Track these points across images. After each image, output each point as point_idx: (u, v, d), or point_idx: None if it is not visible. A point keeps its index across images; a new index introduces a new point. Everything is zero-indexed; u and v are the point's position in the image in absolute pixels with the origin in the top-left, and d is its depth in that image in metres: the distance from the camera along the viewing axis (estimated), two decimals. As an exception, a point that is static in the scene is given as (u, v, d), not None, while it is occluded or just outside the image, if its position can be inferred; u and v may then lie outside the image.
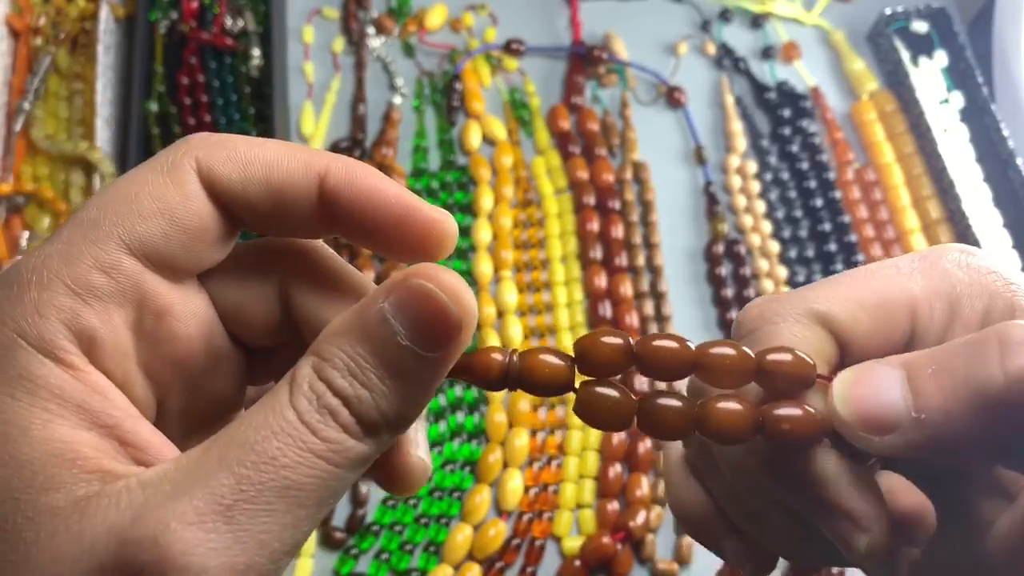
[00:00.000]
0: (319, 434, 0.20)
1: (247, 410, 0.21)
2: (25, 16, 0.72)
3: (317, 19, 0.77)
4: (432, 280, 0.21)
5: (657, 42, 0.80)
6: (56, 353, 0.21)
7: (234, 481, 0.19)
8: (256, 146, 0.23)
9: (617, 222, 0.70)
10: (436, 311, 0.21)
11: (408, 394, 0.21)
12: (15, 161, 0.67)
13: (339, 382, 0.21)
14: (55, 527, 0.19)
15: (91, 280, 0.21)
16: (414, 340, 0.21)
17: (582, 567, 0.59)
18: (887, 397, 0.23)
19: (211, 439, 0.21)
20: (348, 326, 0.21)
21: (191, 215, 0.22)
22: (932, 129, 0.75)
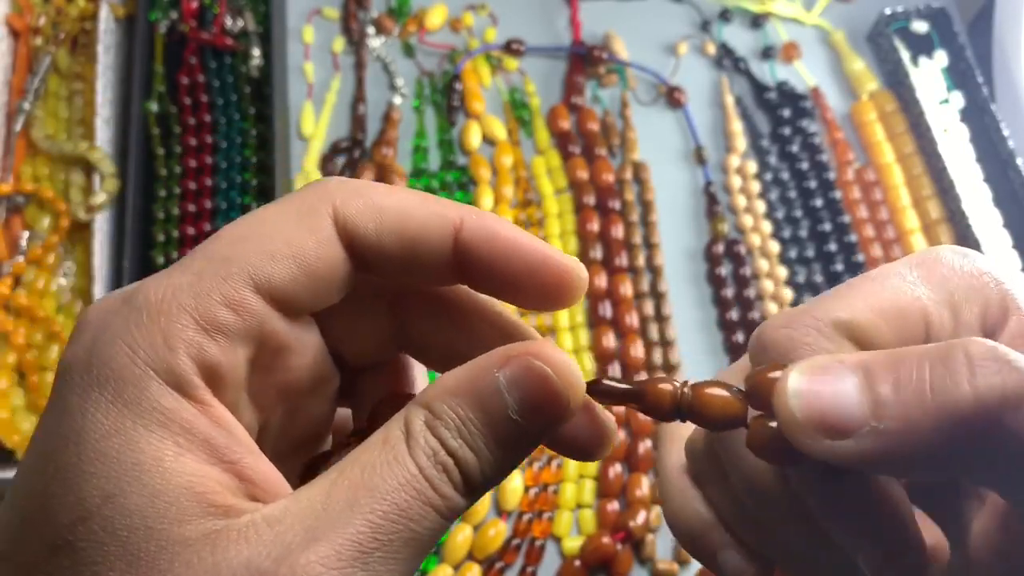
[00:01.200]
0: (438, 490, 0.21)
1: (359, 451, 0.22)
2: (25, 16, 0.72)
3: (317, 19, 0.77)
4: (547, 361, 0.22)
5: (657, 42, 0.80)
6: (184, 387, 0.21)
7: (370, 530, 0.20)
8: (391, 194, 0.24)
9: (617, 222, 0.70)
10: (548, 393, 0.22)
11: (506, 460, 0.22)
12: (15, 161, 0.67)
13: (451, 442, 0.22)
14: (189, 558, 0.20)
15: (219, 316, 0.22)
16: (523, 416, 0.22)
17: (582, 567, 0.59)
18: (845, 400, 0.22)
19: (328, 480, 0.21)
20: (462, 388, 0.22)
21: (322, 262, 0.23)
22: (932, 129, 0.75)
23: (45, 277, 0.64)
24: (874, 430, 0.21)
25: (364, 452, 0.22)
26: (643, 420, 0.63)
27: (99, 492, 0.20)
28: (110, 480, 0.20)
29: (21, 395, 0.62)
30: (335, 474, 0.21)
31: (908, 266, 0.26)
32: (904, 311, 0.25)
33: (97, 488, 0.20)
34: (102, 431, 0.20)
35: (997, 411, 0.20)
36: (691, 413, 0.24)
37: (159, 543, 0.20)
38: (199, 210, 0.69)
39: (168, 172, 0.70)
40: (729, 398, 0.23)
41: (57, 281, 0.65)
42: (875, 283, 0.26)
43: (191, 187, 0.69)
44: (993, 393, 0.20)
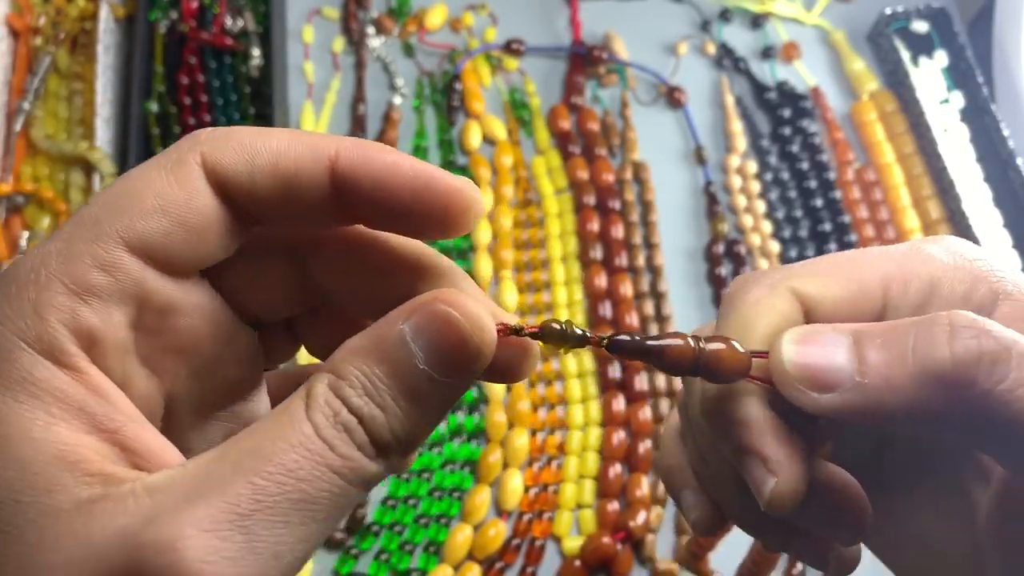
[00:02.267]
0: (336, 450, 0.20)
1: (259, 421, 0.21)
2: (25, 16, 0.72)
3: (317, 19, 0.77)
4: (454, 306, 0.21)
5: (657, 42, 0.80)
6: (57, 355, 0.20)
7: (251, 491, 0.19)
8: (262, 135, 0.23)
9: (617, 222, 0.70)
10: (455, 338, 0.21)
11: (421, 416, 0.22)
12: (15, 161, 0.67)
13: (355, 400, 0.21)
14: (59, 529, 0.19)
15: (90, 279, 0.21)
16: (431, 365, 0.21)
17: (582, 567, 0.59)
18: (833, 357, 0.24)
19: (222, 446, 0.20)
20: (366, 346, 0.21)
21: (194, 212, 0.22)
22: (932, 129, 0.75)
23: (45, 277, 0.64)
24: (858, 385, 0.23)
25: (263, 420, 0.21)
26: (643, 420, 0.63)
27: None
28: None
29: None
30: (230, 441, 0.21)
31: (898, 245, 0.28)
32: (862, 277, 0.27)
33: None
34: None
35: (972, 372, 0.22)
36: (707, 370, 0.25)
37: (27, 516, 0.19)
38: (199, 210, 0.69)
39: (168, 172, 0.70)
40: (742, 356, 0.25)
41: (57, 281, 0.65)
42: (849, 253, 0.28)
43: (191, 187, 0.69)
44: (969, 356, 0.22)
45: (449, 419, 0.62)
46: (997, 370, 0.22)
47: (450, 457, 0.61)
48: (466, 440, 0.62)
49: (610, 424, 0.63)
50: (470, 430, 0.62)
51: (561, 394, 0.64)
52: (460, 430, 0.62)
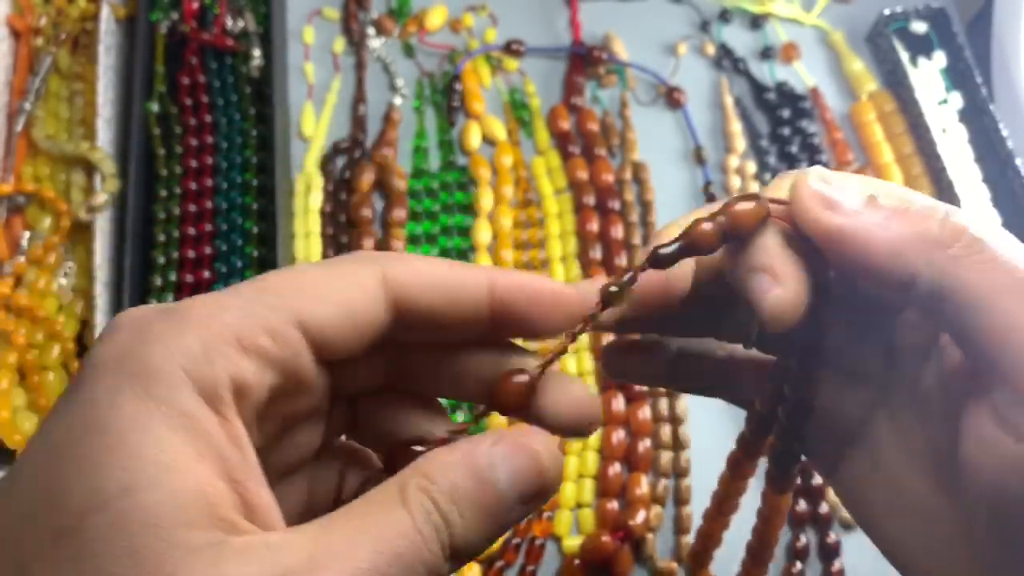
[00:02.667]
0: (429, 546, 0.22)
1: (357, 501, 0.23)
2: (26, 16, 0.72)
3: (317, 20, 0.77)
4: (536, 443, 0.24)
5: (657, 42, 0.80)
6: (213, 399, 0.22)
7: (371, 565, 0.21)
8: (430, 261, 0.27)
9: (617, 222, 0.70)
10: (535, 473, 0.24)
11: (491, 532, 0.24)
12: (16, 161, 0.68)
13: (444, 505, 0.23)
14: (192, 565, 0.20)
15: (259, 340, 0.23)
16: (511, 491, 0.24)
17: (582, 566, 0.59)
18: (846, 193, 0.27)
19: (327, 518, 0.22)
20: (456, 460, 0.24)
21: (365, 314, 0.25)
22: (931, 129, 0.75)
23: (46, 277, 0.65)
24: (858, 214, 0.26)
25: (362, 500, 0.23)
26: (642, 420, 0.63)
27: (117, 483, 0.20)
28: (129, 472, 0.20)
29: (22, 395, 0.62)
30: (333, 514, 0.22)
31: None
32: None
33: (116, 479, 0.20)
34: (128, 424, 0.21)
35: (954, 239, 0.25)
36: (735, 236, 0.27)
37: (167, 544, 0.20)
38: (200, 210, 0.69)
39: (169, 172, 0.70)
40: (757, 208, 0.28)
41: (58, 281, 0.65)
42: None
43: (192, 187, 0.70)
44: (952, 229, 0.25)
45: (450, 419, 0.63)
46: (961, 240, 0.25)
47: (450, 456, 0.62)
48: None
49: (609, 423, 0.63)
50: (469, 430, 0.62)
51: (561, 394, 0.64)
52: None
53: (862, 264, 0.26)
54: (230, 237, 0.68)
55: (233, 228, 0.68)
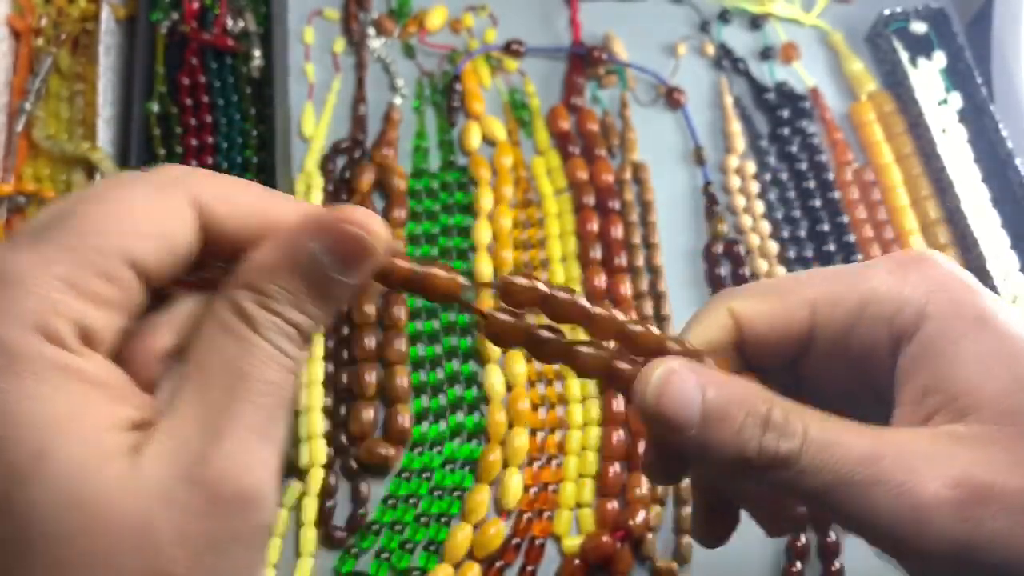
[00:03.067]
0: (290, 355, 0.25)
1: (206, 347, 0.25)
2: (26, 17, 0.72)
3: (318, 20, 0.77)
4: (354, 222, 0.26)
5: (656, 43, 0.80)
6: (68, 346, 0.23)
7: (257, 409, 0.24)
8: (240, 188, 0.27)
9: (616, 222, 0.70)
10: (362, 249, 0.26)
11: (332, 310, 0.27)
12: (17, 162, 0.68)
13: (288, 314, 0.25)
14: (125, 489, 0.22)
15: (95, 287, 0.24)
16: (341, 272, 0.26)
17: (582, 565, 0.59)
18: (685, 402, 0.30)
19: (193, 381, 0.24)
20: (281, 264, 0.25)
21: (183, 242, 0.26)
22: (931, 129, 0.75)
23: (47, 277, 0.65)
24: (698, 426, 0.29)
25: (211, 345, 0.25)
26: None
27: (29, 453, 0.22)
28: (35, 439, 0.22)
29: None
30: (195, 374, 0.25)
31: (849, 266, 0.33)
32: (788, 296, 0.32)
33: (26, 451, 0.22)
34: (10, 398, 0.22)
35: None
36: (422, 289, 0.29)
37: (95, 485, 0.22)
38: (200, 210, 0.69)
39: (169, 172, 0.70)
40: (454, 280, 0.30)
41: (58, 281, 0.65)
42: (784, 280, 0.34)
43: (192, 187, 0.70)
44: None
45: (450, 419, 0.63)
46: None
47: (450, 456, 0.62)
48: (466, 440, 0.63)
49: (610, 423, 0.63)
50: (470, 429, 0.63)
51: (561, 393, 0.64)
52: (460, 429, 0.63)
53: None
54: (230, 237, 0.68)
55: (233, 228, 0.68)
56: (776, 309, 0.32)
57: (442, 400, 0.63)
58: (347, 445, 0.61)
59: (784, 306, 0.32)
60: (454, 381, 0.64)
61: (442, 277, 0.29)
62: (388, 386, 0.63)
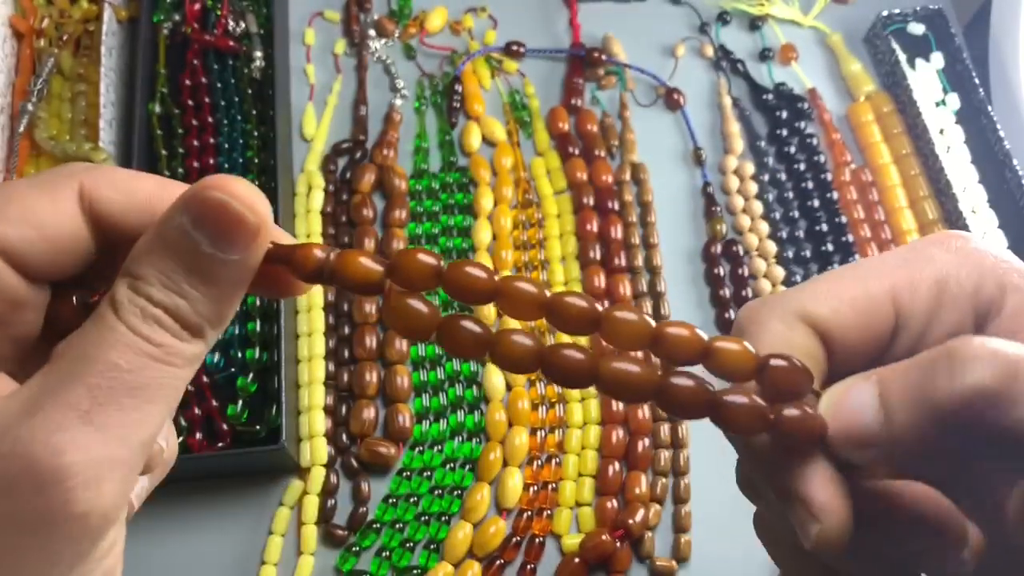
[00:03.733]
0: (152, 341, 0.23)
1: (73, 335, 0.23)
2: (28, 18, 0.72)
3: (319, 21, 0.77)
4: (224, 190, 0.23)
5: (655, 44, 0.81)
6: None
7: (87, 391, 0.22)
8: (136, 178, 0.26)
9: (616, 223, 0.71)
10: (232, 219, 0.23)
11: (220, 294, 0.24)
12: (19, 162, 0.68)
13: (156, 295, 0.23)
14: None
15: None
16: (217, 248, 0.23)
17: (581, 564, 0.59)
18: (863, 413, 0.24)
19: (48, 364, 0.23)
20: (152, 244, 0.24)
21: (62, 232, 0.24)
22: (929, 130, 0.75)
23: (49, 277, 0.65)
24: (889, 435, 0.23)
25: (77, 334, 0.23)
26: (641, 420, 0.63)
27: None
28: None
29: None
30: (52, 359, 0.23)
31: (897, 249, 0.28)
32: (869, 292, 0.27)
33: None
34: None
35: (977, 408, 0.22)
36: (333, 277, 0.25)
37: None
38: (201, 211, 0.69)
39: (171, 173, 0.70)
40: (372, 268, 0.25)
41: (61, 281, 0.66)
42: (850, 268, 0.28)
43: (194, 188, 0.70)
44: (967, 392, 0.22)
45: (450, 418, 0.63)
46: (1000, 400, 0.21)
47: (450, 456, 0.62)
48: (466, 439, 0.63)
49: (609, 423, 0.64)
50: (470, 429, 0.63)
51: (561, 392, 0.65)
52: (460, 429, 0.63)
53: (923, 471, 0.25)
54: (232, 237, 0.68)
55: (235, 228, 0.69)
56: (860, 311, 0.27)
57: (442, 400, 0.64)
58: (348, 444, 0.62)
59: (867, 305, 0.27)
60: (454, 381, 0.64)
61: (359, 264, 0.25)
62: (388, 385, 0.63)
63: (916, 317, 0.27)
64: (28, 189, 0.25)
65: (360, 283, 0.25)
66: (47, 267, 0.25)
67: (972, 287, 0.27)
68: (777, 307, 0.27)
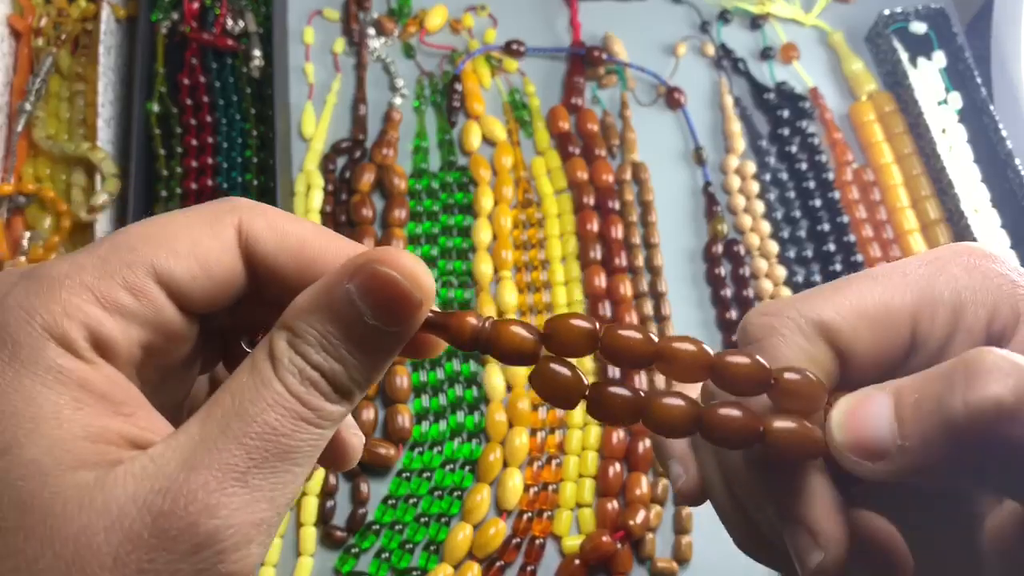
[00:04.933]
0: (307, 404, 0.23)
1: (231, 381, 0.23)
2: (27, 17, 0.72)
3: (318, 20, 0.77)
4: (392, 265, 0.24)
5: (656, 43, 0.80)
6: (79, 351, 0.23)
7: (245, 452, 0.22)
8: (292, 221, 0.26)
9: (616, 222, 0.70)
10: (398, 294, 0.24)
11: (374, 362, 0.24)
12: (17, 162, 0.68)
13: (315, 357, 0.23)
14: (81, 500, 0.21)
15: (118, 297, 0.23)
16: (379, 319, 0.24)
17: (582, 566, 0.59)
18: (877, 425, 0.24)
19: (203, 412, 0.23)
20: (317, 305, 0.24)
21: (221, 266, 0.25)
22: (931, 130, 0.75)
23: (47, 277, 0.65)
24: (901, 449, 0.23)
25: (233, 381, 0.23)
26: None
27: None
28: (8, 433, 0.21)
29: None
30: (208, 406, 0.23)
31: (917, 263, 0.27)
32: (890, 312, 0.26)
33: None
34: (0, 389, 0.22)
35: (989, 422, 0.21)
36: (488, 346, 0.25)
37: (53, 490, 0.21)
38: (200, 210, 0.69)
39: (169, 173, 0.70)
40: (526, 337, 0.25)
41: (59, 281, 0.65)
42: (871, 281, 0.27)
43: (192, 188, 0.70)
44: (982, 406, 0.21)
45: (450, 419, 0.63)
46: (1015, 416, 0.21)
47: (450, 456, 0.62)
48: (466, 439, 0.63)
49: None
50: (470, 429, 0.63)
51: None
52: (460, 429, 0.63)
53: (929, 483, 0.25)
54: (230, 237, 0.68)
55: (233, 228, 0.68)
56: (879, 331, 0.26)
57: (442, 400, 0.63)
58: (347, 445, 0.62)
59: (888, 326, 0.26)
60: (454, 381, 0.64)
61: (515, 334, 0.25)
62: (388, 386, 0.63)
63: (933, 341, 0.27)
64: (191, 222, 0.25)
65: (516, 352, 0.25)
66: (204, 301, 0.25)
67: (988, 314, 0.26)
68: (795, 318, 0.27)
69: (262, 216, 0.25)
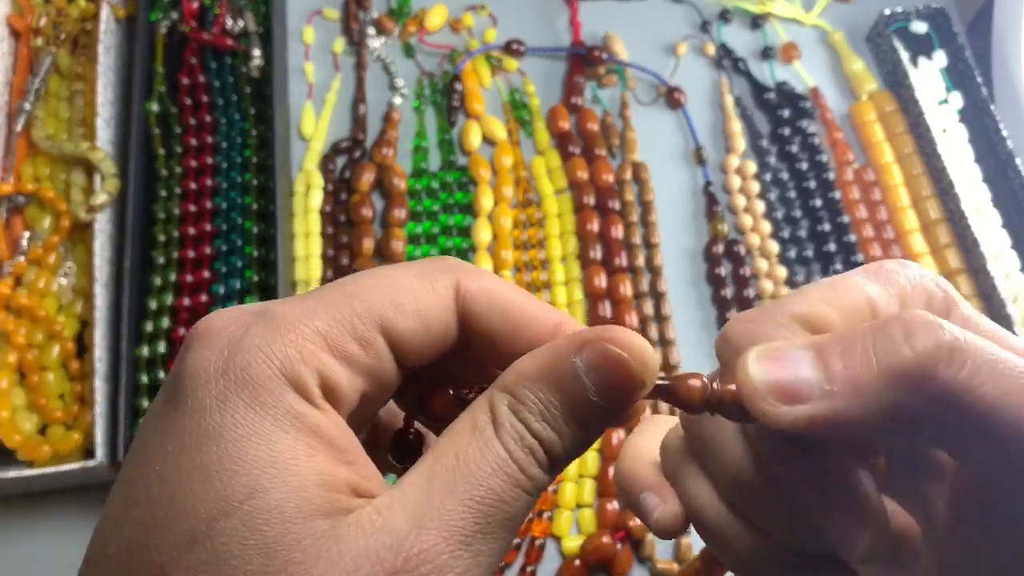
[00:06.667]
0: (526, 471, 0.24)
1: (450, 437, 0.24)
2: (26, 16, 0.72)
3: (317, 20, 0.77)
4: (622, 345, 0.24)
5: (657, 43, 0.80)
6: (312, 397, 0.23)
7: (471, 515, 0.23)
8: (503, 285, 0.27)
9: (617, 222, 0.70)
10: (626, 376, 0.24)
11: (587, 436, 0.25)
12: (16, 161, 0.68)
13: (535, 425, 0.24)
14: (318, 550, 0.22)
15: (348, 346, 0.24)
16: (602, 398, 0.24)
17: (582, 566, 0.59)
18: (799, 370, 0.24)
19: (426, 467, 0.23)
20: (542, 373, 0.24)
21: (439, 323, 0.26)
22: (931, 129, 0.75)
23: (46, 277, 0.65)
24: (827, 393, 0.23)
25: (455, 438, 0.24)
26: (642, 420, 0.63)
27: (242, 488, 0.22)
28: (252, 477, 0.22)
29: (21, 395, 0.62)
30: (431, 461, 0.23)
31: (862, 271, 0.29)
32: (855, 303, 0.27)
33: (240, 484, 0.22)
34: (242, 431, 0.22)
35: (932, 364, 0.22)
36: (720, 407, 0.25)
37: (295, 536, 0.22)
38: (200, 210, 0.69)
39: (169, 172, 0.70)
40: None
41: (58, 281, 0.65)
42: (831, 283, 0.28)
43: (192, 187, 0.70)
44: (928, 349, 0.22)
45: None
46: (955, 360, 0.22)
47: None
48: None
49: (610, 424, 0.63)
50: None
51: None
52: (460, 430, 0.62)
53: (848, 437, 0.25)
54: (230, 237, 0.68)
55: (233, 228, 0.68)
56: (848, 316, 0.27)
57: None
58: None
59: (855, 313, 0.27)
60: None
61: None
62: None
63: None
64: (413, 280, 0.26)
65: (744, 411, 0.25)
66: (418, 354, 0.26)
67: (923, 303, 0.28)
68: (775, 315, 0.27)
69: (478, 279, 0.27)
